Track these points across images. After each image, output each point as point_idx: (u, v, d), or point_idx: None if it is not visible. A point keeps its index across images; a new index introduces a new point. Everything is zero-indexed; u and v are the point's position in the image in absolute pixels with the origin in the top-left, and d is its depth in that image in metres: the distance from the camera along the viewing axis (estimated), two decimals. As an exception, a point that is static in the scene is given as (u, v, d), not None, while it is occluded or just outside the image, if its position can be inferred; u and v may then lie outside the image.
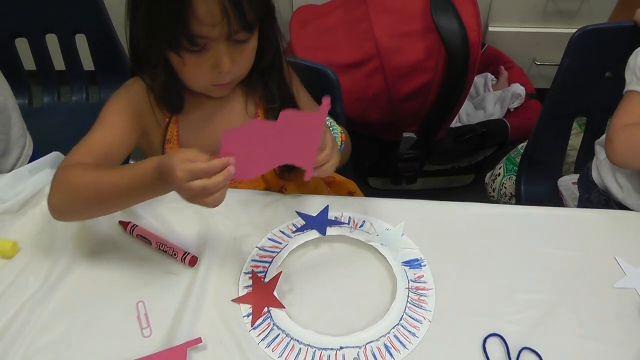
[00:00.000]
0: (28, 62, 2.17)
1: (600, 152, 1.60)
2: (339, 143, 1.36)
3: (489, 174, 2.34)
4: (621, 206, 1.52)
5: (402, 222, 1.28)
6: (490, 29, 2.84)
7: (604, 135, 1.58)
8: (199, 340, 1.06)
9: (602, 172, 1.58)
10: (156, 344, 1.07)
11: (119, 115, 1.29)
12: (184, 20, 1.10)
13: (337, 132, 1.37)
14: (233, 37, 1.16)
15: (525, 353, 1.04)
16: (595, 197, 1.61)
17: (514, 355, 1.04)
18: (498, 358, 1.04)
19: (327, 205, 1.32)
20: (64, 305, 1.14)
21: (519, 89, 2.62)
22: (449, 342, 1.07)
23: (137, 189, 1.12)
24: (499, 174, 2.23)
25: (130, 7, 1.20)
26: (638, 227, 1.28)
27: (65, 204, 1.18)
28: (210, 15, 1.10)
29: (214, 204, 1.02)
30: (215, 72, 1.21)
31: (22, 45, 2.11)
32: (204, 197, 1.01)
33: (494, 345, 1.06)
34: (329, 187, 1.57)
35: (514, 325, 1.09)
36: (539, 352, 1.04)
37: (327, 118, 1.34)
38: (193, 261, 1.20)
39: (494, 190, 2.25)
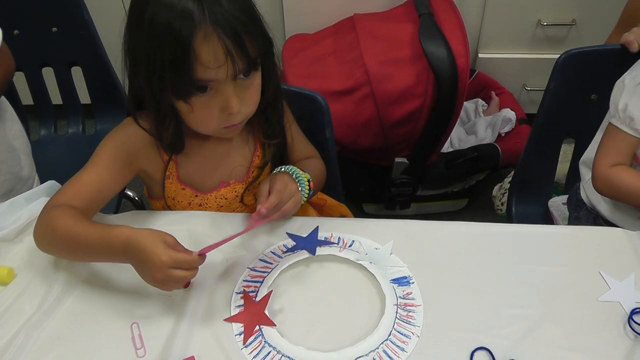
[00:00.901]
0: (25, 96, 2.18)
1: (586, 173, 1.63)
2: (307, 190, 1.37)
3: (497, 187, 2.36)
4: (609, 223, 1.55)
5: (390, 242, 1.30)
6: (480, 55, 2.88)
7: (586, 155, 1.61)
8: (192, 359, 1.08)
9: (588, 191, 1.61)
10: (150, 364, 1.09)
11: (110, 160, 1.29)
12: (188, 67, 1.12)
13: (304, 181, 1.37)
14: (239, 77, 1.18)
15: (507, 363, 1.07)
16: (584, 215, 1.64)
17: (499, 367, 1.06)
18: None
19: (317, 227, 1.34)
20: (60, 329, 1.16)
21: (509, 113, 2.65)
22: (437, 357, 1.09)
23: (101, 252, 1.18)
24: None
25: (129, 63, 1.22)
26: (622, 242, 1.30)
27: (44, 242, 1.24)
28: (214, 58, 1.12)
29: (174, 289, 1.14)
30: (225, 114, 1.22)
31: (17, 79, 2.13)
32: (175, 284, 1.11)
33: (481, 359, 1.08)
34: (319, 211, 1.59)
35: (500, 339, 1.11)
36: (524, 364, 1.06)
37: (293, 169, 1.37)
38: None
39: (502, 204, 2.27)
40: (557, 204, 1.84)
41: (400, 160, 2.34)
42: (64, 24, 2.04)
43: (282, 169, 1.38)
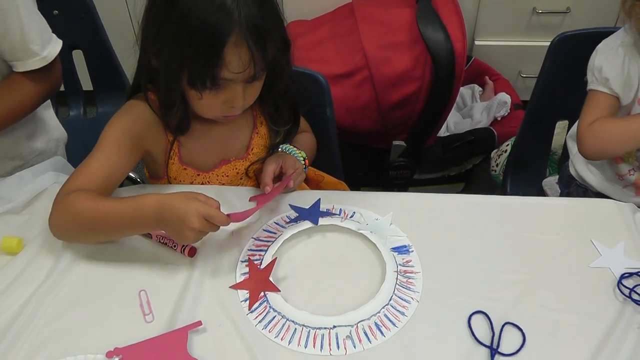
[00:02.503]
0: None
1: (572, 147, 1.69)
2: (303, 167, 1.43)
3: (495, 150, 2.41)
4: (598, 196, 1.59)
5: (390, 213, 1.34)
6: (476, 42, 2.92)
7: (572, 129, 1.66)
8: (199, 323, 1.11)
9: (577, 164, 1.66)
10: (158, 329, 1.12)
11: (118, 144, 1.30)
12: (215, 66, 1.16)
13: (300, 157, 1.44)
14: (253, 78, 1.24)
15: (507, 327, 1.11)
16: (574, 190, 1.69)
17: (497, 330, 1.10)
18: (482, 333, 1.10)
19: (319, 199, 1.38)
20: (69, 296, 1.19)
21: (504, 97, 2.68)
22: (436, 320, 1.13)
23: (131, 223, 1.20)
24: (506, 151, 2.29)
25: (148, 43, 1.24)
26: (613, 213, 1.34)
27: (65, 229, 1.25)
28: (241, 63, 1.17)
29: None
30: (228, 106, 1.28)
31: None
32: (202, 234, 1.16)
33: (478, 322, 1.12)
34: (317, 188, 1.62)
35: (496, 302, 1.15)
36: (520, 326, 1.11)
37: (289, 147, 1.45)
38: (192, 252, 1.25)
39: (497, 166, 2.32)
40: (551, 183, 1.88)
41: (398, 143, 2.37)
42: (65, 6, 2.03)
43: (280, 149, 1.44)
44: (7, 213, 1.35)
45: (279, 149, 1.46)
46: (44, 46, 1.50)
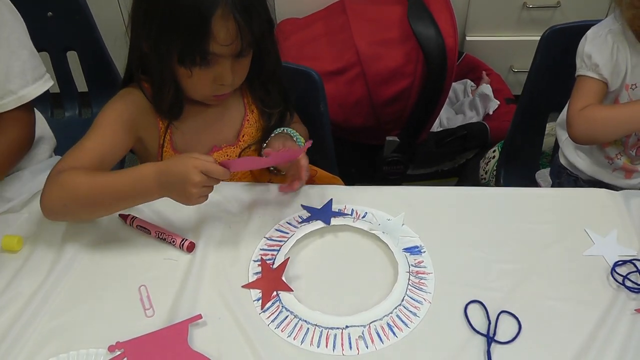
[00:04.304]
0: None
1: (562, 134, 1.71)
2: None
3: (482, 158, 2.42)
4: (589, 184, 1.62)
5: (402, 213, 1.35)
6: (467, 38, 2.93)
7: (561, 117, 1.68)
8: (199, 316, 1.12)
9: (566, 151, 1.69)
10: (159, 323, 1.13)
11: (112, 126, 1.33)
12: (202, 41, 1.18)
13: (301, 142, 1.46)
14: (240, 54, 1.25)
15: (503, 316, 1.12)
16: (565, 179, 1.71)
17: (493, 319, 1.12)
18: (479, 322, 1.12)
19: (331, 199, 1.39)
20: (71, 292, 1.20)
21: (486, 89, 2.71)
22: (433, 309, 1.15)
23: (132, 193, 1.22)
24: (494, 157, 2.32)
25: (137, 23, 1.26)
26: (605, 201, 1.36)
27: (60, 205, 1.24)
28: (229, 36, 1.20)
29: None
30: (217, 85, 1.29)
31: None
32: (207, 190, 1.18)
33: (474, 311, 1.14)
34: (311, 182, 1.63)
35: (492, 292, 1.17)
36: (516, 315, 1.12)
37: (293, 132, 1.47)
38: (191, 247, 1.26)
39: (486, 173, 2.34)
40: (544, 175, 1.89)
41: (391, 138, 2.39)
42: (58, 8, 2.03)
43: (285, 130, 1.46)
44: (7, 212, 1.36)
45: (284, 130, 1.47)
46: (24, 85, 1.42)
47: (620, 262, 1.21)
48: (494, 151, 2.34)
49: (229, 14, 1.18)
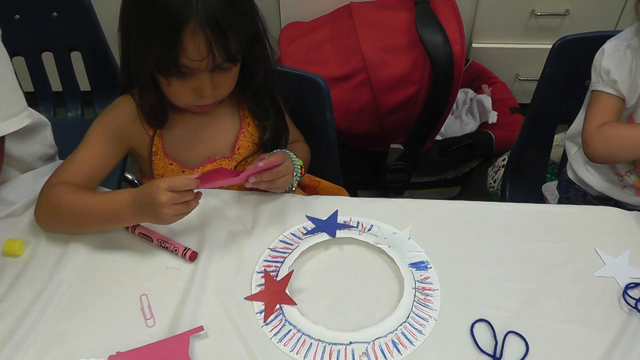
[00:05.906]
0: (24, 83, 2.16)
1: (571, 147, 1.69)
2: (299, 175, 1.42)
3: (491, 167, 2.40)
4: (598, 200, 1.60)
5: (409, 227, 1.33)
6: (474, 45, 2.90)
7: (570, 130, 1.66)
8: (200, 328, 1.10)
9: (575, 165, 1.67)
10: (160, 333, 1.12)
11: (101, 138, 1.36)
12: (173, 53, 1.18)
13: (297, 166, 1.42)
14: (217, 69, 1.25)
15: (510, 336, 1.10)
16: (573, 194, 1.69)
17: (500, 339, 1.10)
18: (485, 342, 1.10)
19: (337, 210, 1.37)
20: (71, 300, 1.18)
21: (484, 99, 2.70)
22: (439, 328, 1.13)
23: (109, 217, 1.25)
24: (503, 165, 2.28)
25: (122, 28, 1.26)
26: (617, 221, 1.34)
27: (48, 219, 1.30)
28: (198, 52, 1.19)
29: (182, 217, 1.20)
30: (197, 95, 1.29)
31: (17, 64, 2.12)
32: (182, 208, 1.17)
33: (481, 330, 1.12)
34: (312, 194, 1.61)
35: (499, 311, 1.15)
36: (524, 336, 1.10)
37: (289, 153, 1.42)
38: (193, 256, 1.25)
39: (495, 181, 2.31)
40: (551, 188, 1.87)
41: (395, 146, 2.37)
42: (64, 8, 2.03)
43: (283, 151, 1.43)
44: (9, 216, 1.36)
45: (279, 151, 1.44)
46: None
47: (632, 285, 1.19)
48: (504, 160, 2.31)
49: (199, 30, 1.16)
